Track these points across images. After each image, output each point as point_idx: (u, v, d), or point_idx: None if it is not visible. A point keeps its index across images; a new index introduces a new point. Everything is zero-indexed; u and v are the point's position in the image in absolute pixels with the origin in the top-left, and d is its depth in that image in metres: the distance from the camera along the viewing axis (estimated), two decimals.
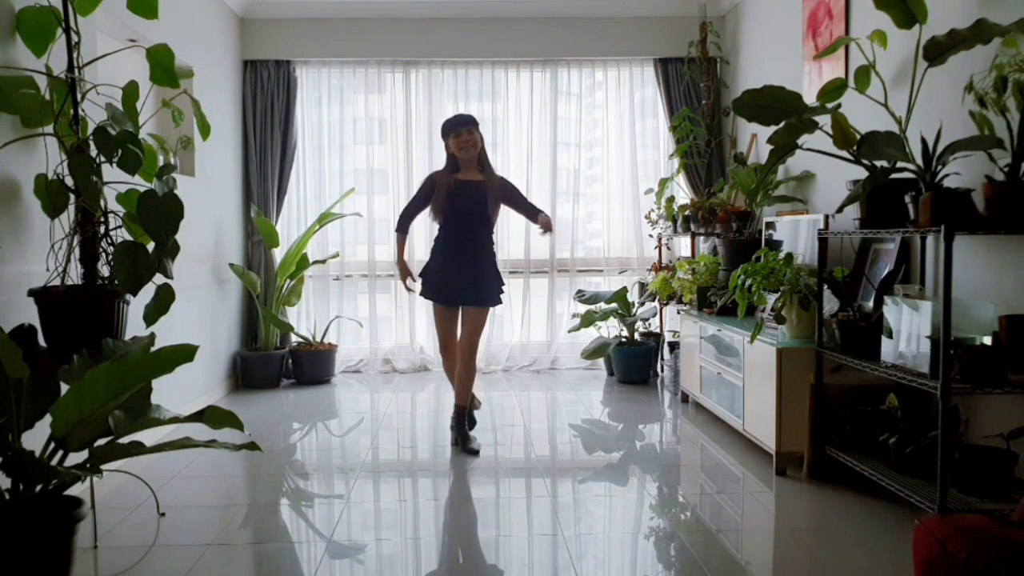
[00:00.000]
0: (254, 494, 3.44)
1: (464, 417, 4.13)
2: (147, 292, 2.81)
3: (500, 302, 4.19)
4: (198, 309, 4.94)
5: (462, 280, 4.05)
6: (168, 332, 3.62)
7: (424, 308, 6.23)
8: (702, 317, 4.59)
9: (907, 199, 2.84)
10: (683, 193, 6.07)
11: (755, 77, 5.32)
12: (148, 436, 2.78)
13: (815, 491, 3.31)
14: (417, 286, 4.20)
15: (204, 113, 3.34)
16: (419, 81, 6.17)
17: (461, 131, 4.06)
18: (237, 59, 5.87)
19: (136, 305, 2.90)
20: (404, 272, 4.23)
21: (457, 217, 4.06)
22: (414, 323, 6.24)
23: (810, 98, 3.87)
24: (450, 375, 4.28)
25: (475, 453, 3.97)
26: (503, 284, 4.19)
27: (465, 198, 4.05)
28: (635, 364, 5.66)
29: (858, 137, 2.92)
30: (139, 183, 2.91)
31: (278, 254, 5.95)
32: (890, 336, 2.90)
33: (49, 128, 2.82)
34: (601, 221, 6.41)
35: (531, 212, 4.22)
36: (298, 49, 5.98)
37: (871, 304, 3.42)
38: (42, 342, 2.68)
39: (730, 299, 3.82)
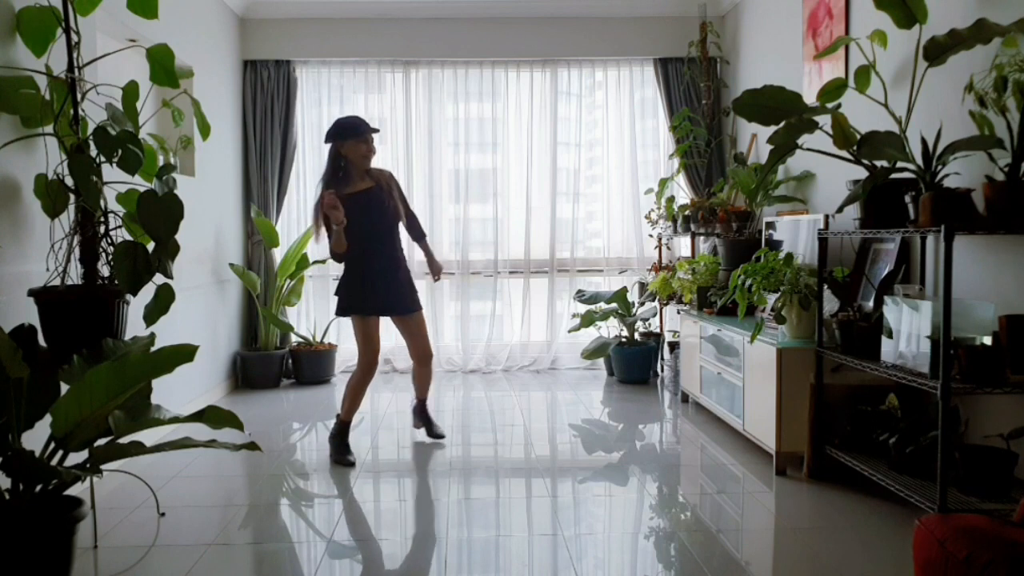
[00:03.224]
0: (254, 494, 3.44)
1: (426, 410, 4.27)
2: (147, 292, 2.81)
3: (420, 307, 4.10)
4: (198, 309, 4.94)
5: (386, 289, 3.89)
6: (168, 332, 3.62)
7: (423, 308, 6.23)
8: (702, 317, 4.59)
9: (907, 199, 2.84)
10: (683, 193, 6.07)
11: (755, 77, 5.32)
12: (148, 436, 2.78)
13: (815, 491, 3.31)
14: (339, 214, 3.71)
15: (204, 113, 3.34)
16: (419, 81, 6.16)
17: (369, 138, 3.87)
18: (237, 59, 5.87)
19: (136, 305, 2.90)
20: (336, 218, 3.70)
21: (363, 233, 3.83)
22: None
23: (810, 98, 3.87)
24: (359, 395, 3.98)
25: (439, 436, 4.20)
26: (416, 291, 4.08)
27: (368, 211, 3.85)
28: (635, 364, 5.66)
29: (858, 137, 2.93)
30: (139, 183, 2.91)
31: (278, 254, 5.95)
32: (890, 336, 2.90)
33: (49, 128, 2.82)
34: (601, 221, 6.41)
35: (415, 225, 4.15)
36: (298, 49, 5.98)
37: (871, 304, 3.42)
38: (42, 342, 2.68)
39: (730, 299, 3.82)
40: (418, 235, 4.21)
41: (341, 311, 3.97)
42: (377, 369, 4.04)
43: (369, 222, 3.87)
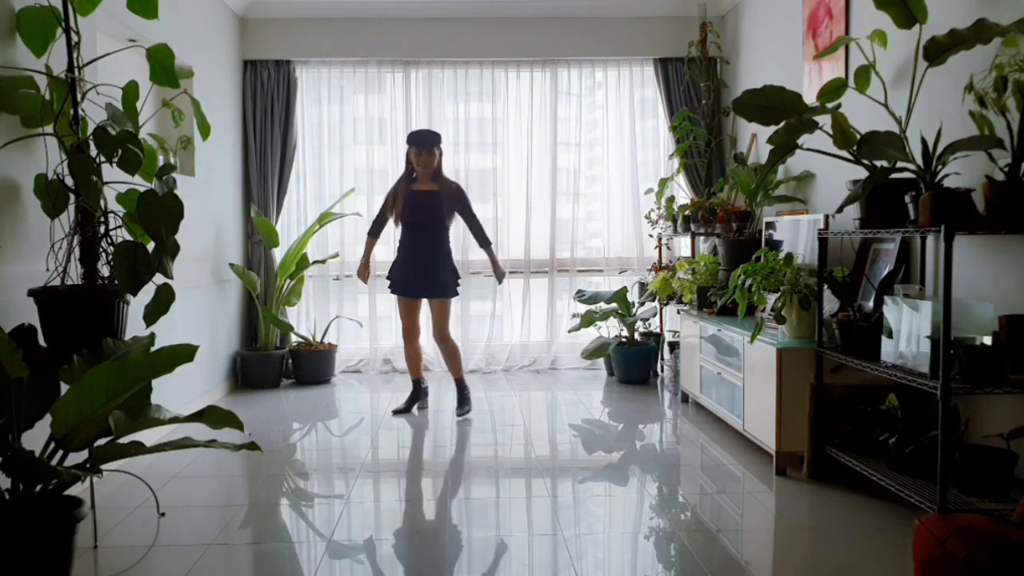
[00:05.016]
0: (254, 494, 3.44)
1: (463, 386, 4.85)
2: (147, 292, 2.81)
3: (455, 294, 4.78)
4: (198, 309, 4.94)
5: (421, 276, 4.67)
6: (168, 332, 3.62)
7: (424, 308, 6.22)
8: (702, 317, 4.59)
9: (907, 199, 2.84)
10: (683, 193, 6.07)
11: (755, 77, 5.32)
12: (148, 436, 2.78)
13: (815, 491, 3.31)
14: (369, 286, 4.94)
15: (204, 113, 3.33)
16: (419, 81, 6.16)
17: (423, 151, 4.65)
18: (237, 59, 5.87)
19: (136, 305, 2.90)
20: (365, 271, 4.95)
21: (413, 223, 4.67)
22: None
23: (810, 98, 3.87)
24: (409, 360, 4.92)
25: (465, 414, 4.74)
26: (458, 279, 4.79)
27: (419, 207, 4.66)
28: (635, 364, 5.66)
29: (858, 137, 2.93)
30: (139, 183, 2.91)
31: (278, 254, 5.95)
32: (890, 336, 2.90)
33: (49, 128, 2.82)
34: (601, 221, 6.40)
35: (479, 234, 4.81)
36: (298, 49, 5.98)
37: (871, 304, 3.42)
38: (42, 342, 2.68)
39: (730, 299, 3.82)
40: (482, 242, 4.86)
41: (390, 288, 4.83)
42: (415, 340, 4.84)
43: (417, 217, 4.65)
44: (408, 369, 4.97)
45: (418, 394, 4.92)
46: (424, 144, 4.65)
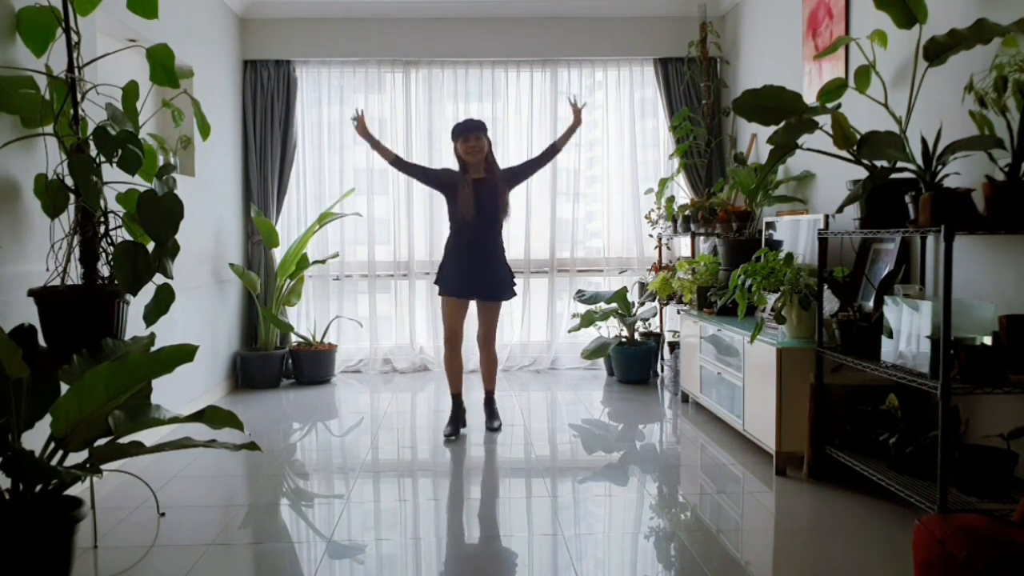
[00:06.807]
0: (254, 494, 3.44)
1: (493, 400, 4.53)
2: (147, 292, 2.81)
3: (514, 294, 4.48)
4: (198, 309, 4.94)
5: (478, 275, 4.30)
6: (168, 332, 3.62)
7: (424, 308, 6.25)
8: (702, 317, 4.59)
9: (907, 199, 2.84)
10: (683, 193, 6.07)
11: (755, 77, 5.32)
12: (148, 436, 2.78)
13: (815, 491, 3.31)
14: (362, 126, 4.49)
15: (204, 113, 3.33)
16: (419, 81, 6.16)
17: (469, 136, 4.28)
18: (237, 59, 5.87)
19: (136, 305, 2.90)
20: (364, 128, 4.52)
21: (478, 215, 4.29)
22: (414, 323, 6.24)
23: (810, 98, 3.87)
24: (450, 372, 4.45)
25: (497, 430, 4.41)
26: (514, 277, 4.49)
27: (483, 196, 4.30)
28: (635, 364, 5.66)
29: (858, 137, 2.93)
30: (139, 183, 2.91)
31: (278, 254, 5.95)
32: (890, 336, 2.90)
33: (49, 128, 2.82)
34: (601, 221, 6.40)
35: (547, 152, 4.53)
36: (298, 49, 5.98)
37: (871, 304, 3.42)
38: (42, 342, 2.68)
39: (730, 299, 3.82)
40: (551, 148, 4.56)
41: (441, 291, 4.41)
42: (459, 348, 4.43)
43: (483, 208, 4.30)
44: (448, 382, 4.45)
45: (460, 411, 4.41)
46: (470, 130, 4.28)
